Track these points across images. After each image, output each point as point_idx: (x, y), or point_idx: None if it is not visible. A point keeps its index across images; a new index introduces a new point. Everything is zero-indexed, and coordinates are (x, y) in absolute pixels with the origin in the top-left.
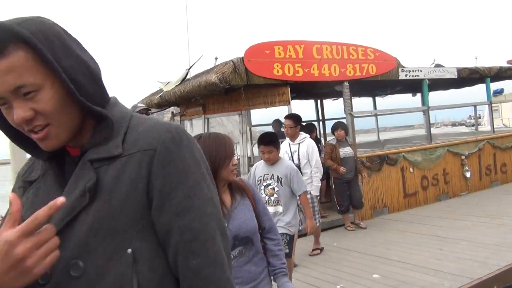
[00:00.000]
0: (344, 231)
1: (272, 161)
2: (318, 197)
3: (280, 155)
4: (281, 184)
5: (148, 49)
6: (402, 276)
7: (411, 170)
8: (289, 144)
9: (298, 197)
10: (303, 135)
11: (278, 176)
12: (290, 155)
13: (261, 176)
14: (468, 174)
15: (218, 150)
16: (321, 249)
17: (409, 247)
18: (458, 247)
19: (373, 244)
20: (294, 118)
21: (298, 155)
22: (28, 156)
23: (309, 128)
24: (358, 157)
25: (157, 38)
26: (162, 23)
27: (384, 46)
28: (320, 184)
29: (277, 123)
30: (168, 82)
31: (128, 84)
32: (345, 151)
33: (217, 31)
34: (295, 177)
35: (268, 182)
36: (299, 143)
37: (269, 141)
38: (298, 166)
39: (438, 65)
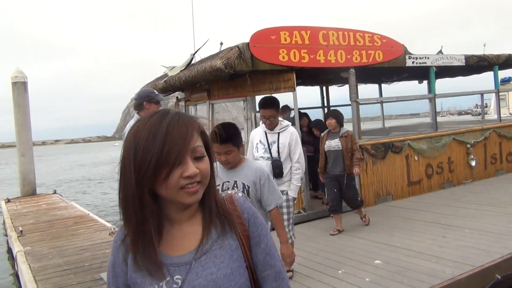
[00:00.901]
0: (346, 217)
1: (232, 164)
2: (295, 201)
3: (253, 147)
4: (248, 195)
5: (153, 33)
6: (404, 263)
7: (416, 158)
8: (265, 133)
9: (268, 213)
10: (284, 122)
11: (243, 184)
12: (266, 146)
13: (219, 185)
14: (473, 163)
15: (148, 147)
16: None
17: (412, 234)
18: (461, 235)
19: (376, 231)
20: (275, 104)
21: (278, 147)
22: (37, 138)
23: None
24: (363, 145)
25: (162, 22)
26: (167, 7)
27: (391, 33)
28: (300, 184)
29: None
30: (173, 67)
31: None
32: (331, 143)
33: (222, 16)
34: (267, 185)
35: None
36: (278, 132)
37: (227, 138)
38: (278, 161)
39: (439, 53)
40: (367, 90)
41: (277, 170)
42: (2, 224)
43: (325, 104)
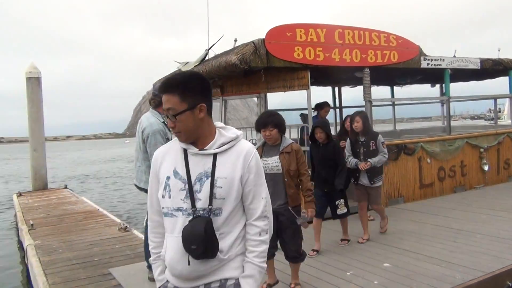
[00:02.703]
0: (356, 219)
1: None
2: None
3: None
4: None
5: (167, 32)
6: (413, 266)
7: (429, 161)
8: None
9: None
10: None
11: None
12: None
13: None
14: (486, 167)
15: None
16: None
17: (422, 237)
18: (472, 240)
19: (386, 233)
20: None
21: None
22: (49, 134)
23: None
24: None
25: (176, 21)
26: (182, 4)
27: (405, 35)
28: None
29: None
30: (187, 63)
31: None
32: (267, 163)
33: (237, 14)
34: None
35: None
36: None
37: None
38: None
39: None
40: (379, 93)
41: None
42: (13, 217)
43: (337, 105)
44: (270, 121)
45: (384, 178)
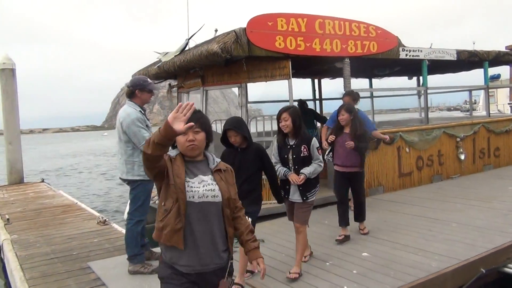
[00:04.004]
0: (335, 208)
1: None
2: None
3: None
4: None
5: (145, 21)
6: (391, 255)
7: (407, 150)
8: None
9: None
10: None
11: None
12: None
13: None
14: (462, 156)
15: None
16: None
17: (399, 227)
18: (447, 229)
19: (365, 224)
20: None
21: None
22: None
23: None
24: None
25: (155, 9)
26: None
27: (385, 26)
28: None
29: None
30: (167, 53)
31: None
32: (198, 189)
33: (218, 3)
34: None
35: None
36: None
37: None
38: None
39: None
40: (358, 85)
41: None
42: None
43: (317, 97)
44: (195, 119)
45: (364, 167)
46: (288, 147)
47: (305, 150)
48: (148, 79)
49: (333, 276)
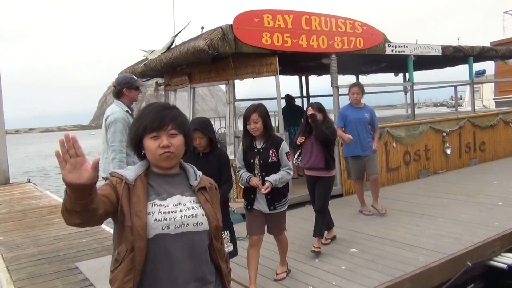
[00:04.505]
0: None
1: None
2: None
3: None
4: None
5: (131, 20)
6: (379, 251)
7: (395, 145)
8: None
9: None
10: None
11: None
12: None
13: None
14: (448, 151)
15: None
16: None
17: (387, 223)
18: (434, 224)
19: (353, 220)
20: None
21: None
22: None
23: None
24: None
25: (142, 5)
26: None
27: (371, 22)
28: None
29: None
30: (153, 50)
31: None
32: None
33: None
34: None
35: None
36: None
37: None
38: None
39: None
40: (345, 82)
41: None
42: None
43: (305, 94)
44: (171, 118)
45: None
46: (255, 150)
47: (273, 155)
48: (134, 76)
49: (322, 272)
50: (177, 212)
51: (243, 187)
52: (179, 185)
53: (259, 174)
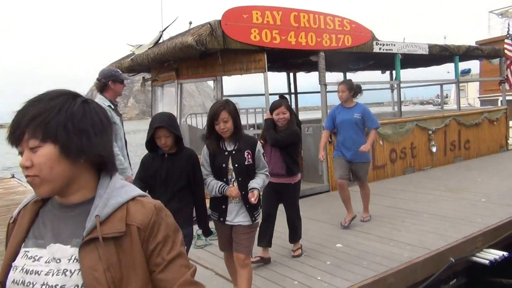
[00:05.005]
0: (310, 200)
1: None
2: None
3: None
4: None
5: (119, 11)
6: (364, 246)
7: (381, 143)
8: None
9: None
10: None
11: None
12: None
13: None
14: (434, 149)
15: None
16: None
17: (373, 218)
18: (419, 220)
19: (339, 215)
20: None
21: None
22: None
23: None
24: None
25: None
26: None
27: (359, 20)
28: None
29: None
30: (140, 45)
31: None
32: None
33: None
34: None
35: None
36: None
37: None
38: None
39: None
40: (333, 79)
41: None
42: None
43: (292, 91)
44: (28, 118)
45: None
46: (226, 153)
47: (249, 156)
48: (119, 70)
49: (307, 267)
50: (41, 275)
51: (210, 196)
52: (73, 224)
53: (234, 180)
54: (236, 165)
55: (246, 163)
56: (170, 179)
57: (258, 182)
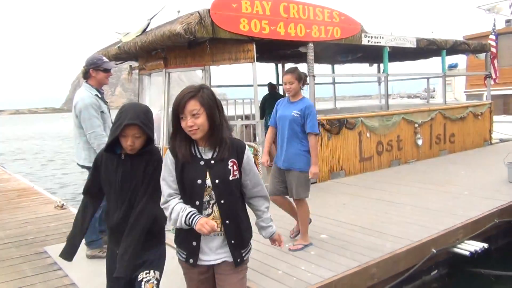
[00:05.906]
0: None
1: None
2: None
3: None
4: None
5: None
6: (348, 237)
7: (368, 135)
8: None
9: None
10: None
11: None
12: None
13: None
14: (420, 142)
15: None
16: None
17: (357, 210)
18: (402, 211)
19: (324, 206)
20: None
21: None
22: None
23: None
24: (320, 120)
25: None
26: None
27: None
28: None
29: None
30: (128, 33)
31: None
32: None
33: None
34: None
35: None
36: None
37: None
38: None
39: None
40: (321, 71)
41: None
42: None
43: (280, 82)
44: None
45: (327, 151)
46: (202, 163)
47: (235, 168)
48: (104, 58)
49: (291, 257)
50: None
51: (174, 228)
52: None
53: (214, 202)
54: (217, 181)
55: (230, 177)
56: (128, 186)
57: (268, 217)
